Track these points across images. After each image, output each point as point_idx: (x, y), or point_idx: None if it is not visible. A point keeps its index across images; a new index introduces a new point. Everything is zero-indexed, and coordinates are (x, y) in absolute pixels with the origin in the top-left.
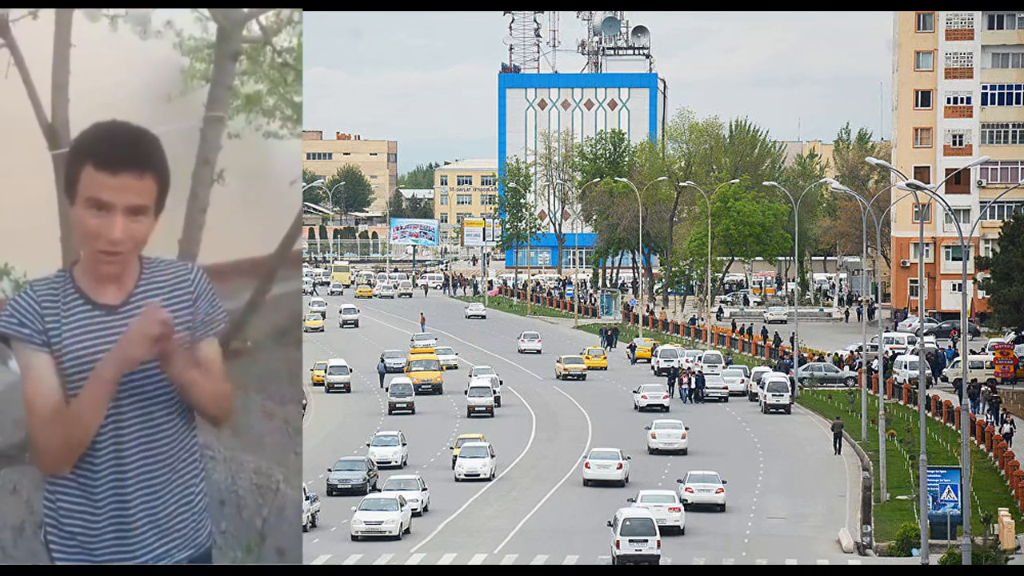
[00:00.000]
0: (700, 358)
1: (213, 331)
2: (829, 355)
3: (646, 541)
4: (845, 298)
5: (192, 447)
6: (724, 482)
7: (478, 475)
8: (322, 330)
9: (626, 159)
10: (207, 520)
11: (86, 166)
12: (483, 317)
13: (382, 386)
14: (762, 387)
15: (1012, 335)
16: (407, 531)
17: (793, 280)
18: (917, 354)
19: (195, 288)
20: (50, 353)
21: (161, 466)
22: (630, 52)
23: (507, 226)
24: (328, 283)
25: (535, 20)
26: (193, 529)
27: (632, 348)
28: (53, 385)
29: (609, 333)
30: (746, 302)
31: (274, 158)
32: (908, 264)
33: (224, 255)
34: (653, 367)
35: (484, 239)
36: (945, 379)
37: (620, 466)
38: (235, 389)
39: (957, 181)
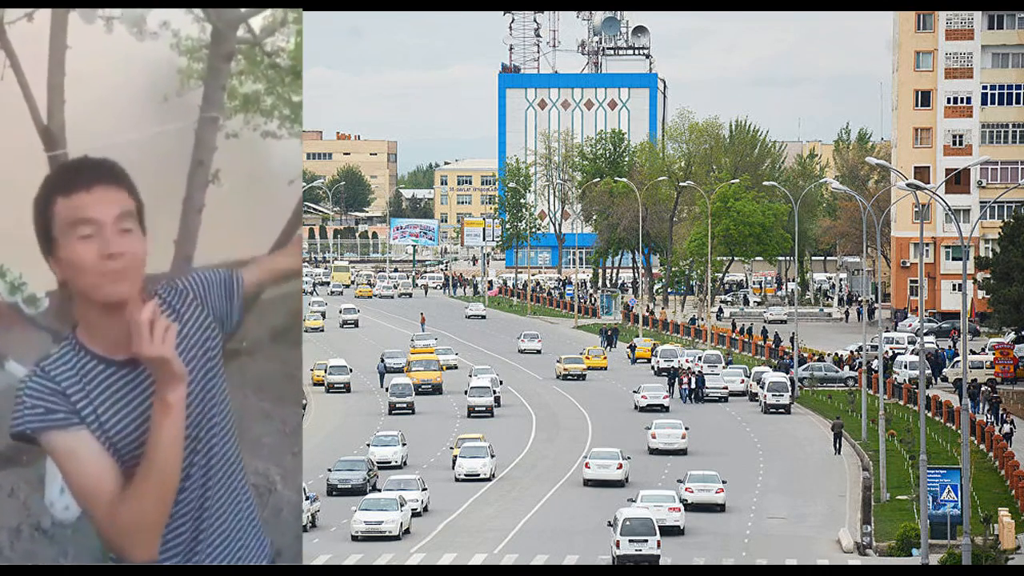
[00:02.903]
0: (700, 358)
1: (238, 287)
2: (829, 355)
3: (646, 541)
4: (845, 298)
5: (239, 455)
6: (724, 482)
7: (478, 475)
8: (322, 330)
9: (626, 159)
10: (265, 530)
11: (56, 200)
12: (483, 317)
13: (382, 386)
14: (762, 387)
15: (1012, 335)
16: (407, 531)
17: (793, 280)
18: (917, 354)
19: (198, 294)
20: (88, 429)
21: (229, 480)
22: (630, 52)
23: (507, 226)
24: (328, 283)
25: (535, 20)
26: (257, 539)
27: (632, 348)
28: (106, 462)
29: (609, 333)
30: (746, 302)
31: (272, 158)
32: (908, 264)
33: (220, 256)
34: (653, 367)
35: (484, 239)
36: (945, 379)
37: (620, 466)
38: (232, 390)
39: (957, 181)
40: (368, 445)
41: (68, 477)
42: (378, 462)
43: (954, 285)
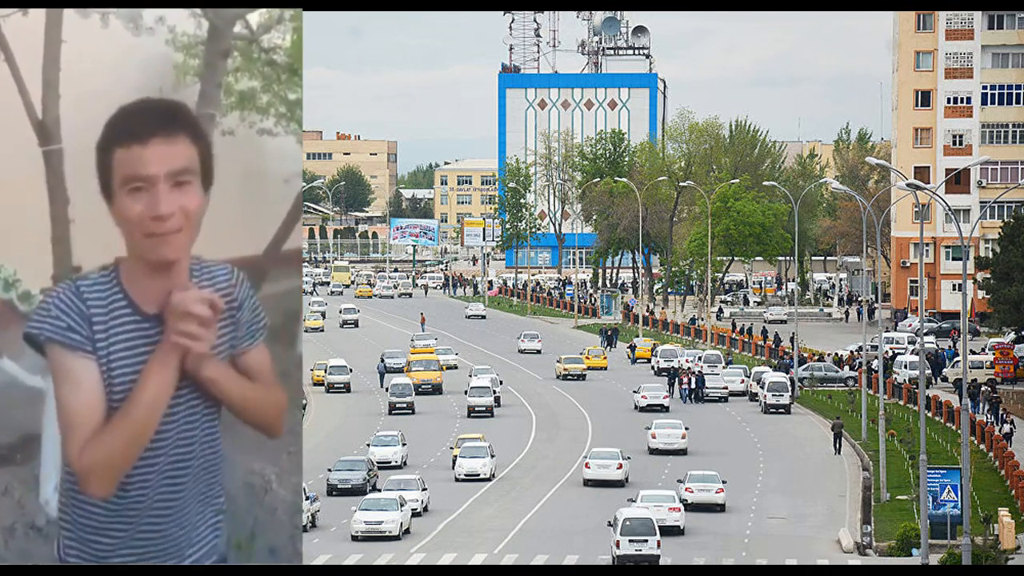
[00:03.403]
0: (700, 358)
1: (258, 338)
2: (829, 355)
3: (646, 541)
4: (845, 298)
5: (219, 447)
6: (724, 482)
7: (478, 475)
8: (322, 330)
9: (626, 159)
10: (225, 527)
11: (115, 150)
12: (483, 317)
13: (382, 386)
14: (762, 387)
15: (1012, 335)
16: (407, 531)
17: (793, 280)
18: (917, 354)
19: (238, 295)
20: (97, 363)
21: (204, 475)
22: (630, 52)
23: (507, 226)
24: (328, 283)
25: (535, 20)
26: (216, 536)
27: (632, 348)
28: (100, 398)
29: (609, 333)
30: (746, 302)
31: (268, 156)
32: (908, 264)
33: (216, 253)
34: (653, 367)
35: (484, 239)
36: (945, 379)
37: (620, 466)
38: None
39: (957, 181)
40: (368, 445)
41: (60, 397)
42: (378, 462)
43: (954, 285)
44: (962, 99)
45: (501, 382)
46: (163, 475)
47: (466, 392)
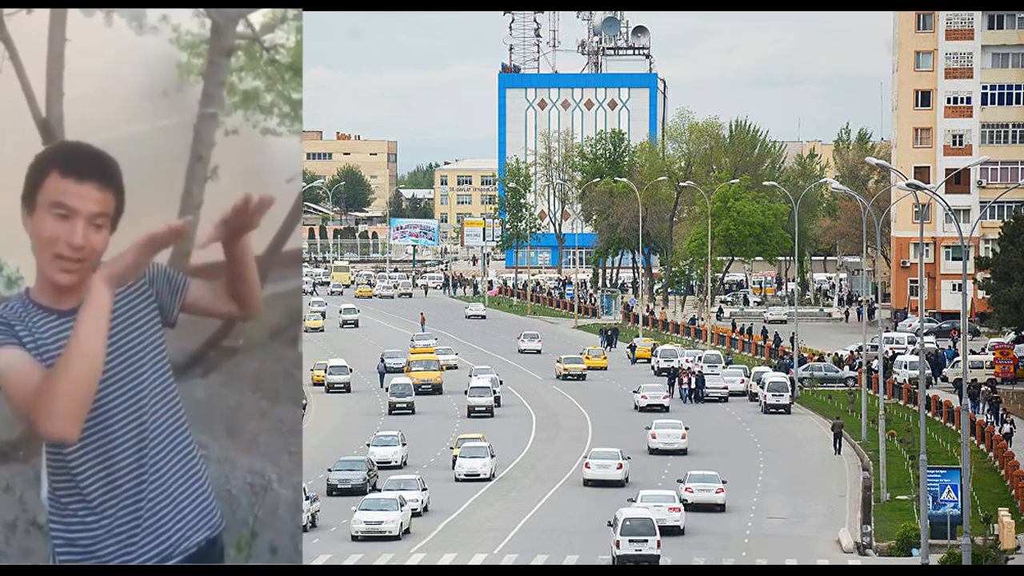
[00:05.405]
0: (700, 358)
1: (182, 289)
2: (829, 355)
3: (646, 541)
4: (845, 298)
5: (185, 425)
6: (724, 482)
7: (478, 475)
8: (322, 330)
9: (626, 159)
10: (216, 501)
11: (51, 173)
12: (483, 317)
13: (382, 386)
14: (762, 387)
15: (1012, 335)
16: (407, 531)
17: (793, 280)
18: (917, 354)
19: (147, 274)
20: (25, 347)
21: (171, 447)
22: (630, 52)
23: (507, 226)
24: (328, 283)
25: (535, 20)
26: (205, 507)
27: (632, 348)
28: (35, 366)
29: (609, 333)
30: (746, 302)
31: (271, 155)
32: (908, 264)
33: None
34: (653, 367)
35: (484, 239)
36: (945, 379)
37: (620, 466)
38: (229, 388)
39: (957, 181)
40: (368, 445)
41: (3, 385)
42: (378, 462)
43: (954, 285)
44: (962, 99)
45: (501, 382)
46: (128, 460)
47: (466, 392)
